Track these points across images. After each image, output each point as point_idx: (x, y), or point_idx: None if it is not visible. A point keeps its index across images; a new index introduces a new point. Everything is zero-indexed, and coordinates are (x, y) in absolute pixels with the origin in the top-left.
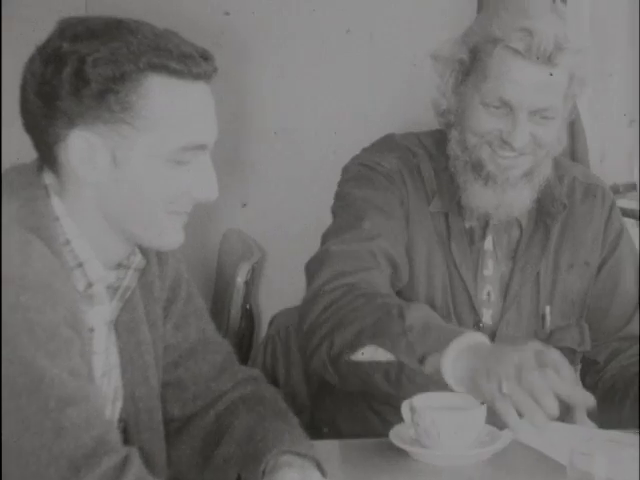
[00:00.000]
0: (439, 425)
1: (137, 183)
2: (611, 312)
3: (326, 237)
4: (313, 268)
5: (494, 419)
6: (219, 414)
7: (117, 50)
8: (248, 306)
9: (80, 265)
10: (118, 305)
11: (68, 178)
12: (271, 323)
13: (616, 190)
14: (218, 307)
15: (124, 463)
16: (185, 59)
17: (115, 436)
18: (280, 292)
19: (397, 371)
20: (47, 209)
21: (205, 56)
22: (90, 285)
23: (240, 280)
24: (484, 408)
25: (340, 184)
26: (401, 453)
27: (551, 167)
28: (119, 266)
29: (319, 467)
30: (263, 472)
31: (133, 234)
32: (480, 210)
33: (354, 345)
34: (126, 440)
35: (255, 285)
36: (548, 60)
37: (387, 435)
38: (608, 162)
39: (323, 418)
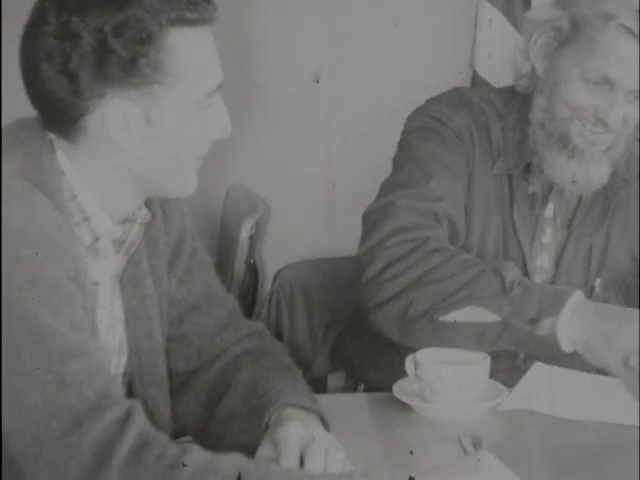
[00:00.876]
0: (443, 380)
1: (170, 138)
2: None
3: (389, 188)
4: (374, 219)
5: None
6: (223, 368)
7: (135, 13)
8: (252, 261)
9: (86, 219)
10: (123, 259)
11: (92, 145)
12: (275, 278)
13: None
14: (222, 262)
15: (127, 416)
16: (194, 7)
17: (118, 389)
18: (284, 247)
19: (499, 331)
20: (52, 163)
21: None
22: (96, 239)
23: (244, 235)
24: (487, 363)
25: (405, 133)
26: (404, 407)
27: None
28: (125, 220)
29: (322, 420)
30: (266, 425)
31: (157, 185)
32: (560, 181)
33: (447, 306)
34: (131, 394)
35: (259, 240)
36: None
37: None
38: None
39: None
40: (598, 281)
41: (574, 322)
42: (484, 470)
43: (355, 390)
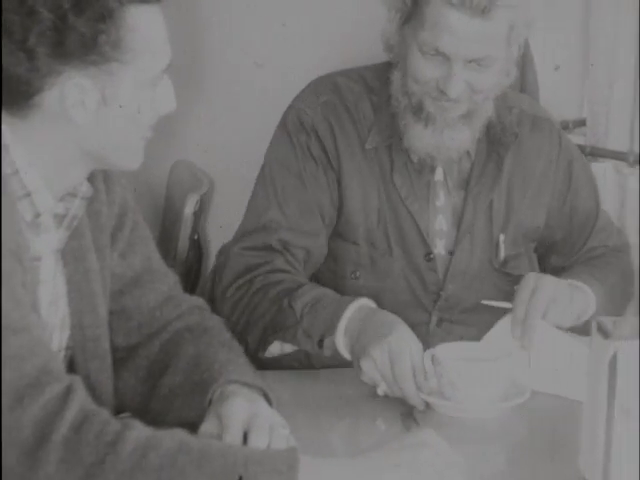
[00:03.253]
0: (465, 376)
1: (123, 115)
2: (575, 230)
3: (237, 232)
4: (219, 265)
5: None
6: (164, 343)
7: None
8: (196, 237)
9: (28, 195)
10: (65, 234)
11: (44, 121)
12: (219, 254)
13: (565, 126)
14: (166, 238)
15: (67, 392)
16: None
17: (58, 365)
18: (228, 223)
19: (305, 355)
20: None
21: None
22: (38, 215)
23: (188, 211)
24: (509, 359)
25: (274, 134)
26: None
27: (492, 106)
28: (66, 195)
29: (266, 396)
30: (209, 402)
31: (105, 160)
32: (420, 152)
33: (263, 344)
34: (73, 369)
35: (203, 216)
36: (482, 12)
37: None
38: (558, 97)
39: None
40: (502, 237)
41: (347, 333)
42: (427, 447)
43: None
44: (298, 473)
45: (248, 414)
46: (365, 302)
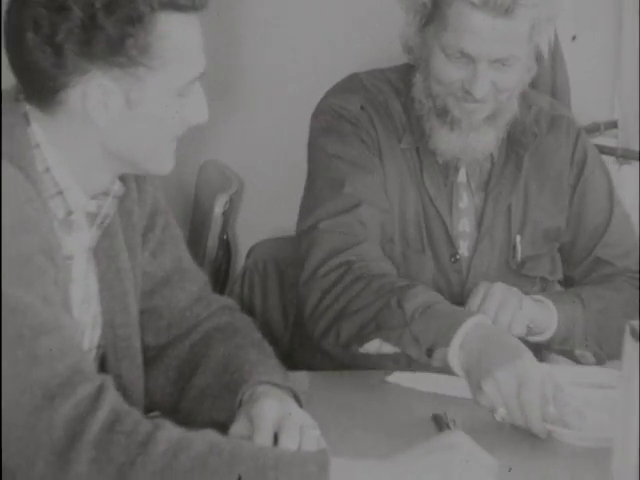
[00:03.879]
0: (593, 404)
1: (147, 121)
2: (580, 235)
3: (308, 209)
4: (304, 246)
5: None
6: (194, 344)
7: None
8: (225, 237)
9: (60, 193)
10: (97, 232)
11: (69, 119)
12: (249, 254)
13: (597, 128)
14: (195, 237)
15: (99, 391)
16: None
17: (90, 365)
18: (258, 223)
19: (407, 360)
20: (25, 137)
21: None
22: (70, 213)
23: (218, 210)
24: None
25: (310, 133)
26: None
27: (517, 105)
28: (99, 194)
29: (296, 398)
30: (240, 403)
31: (132, 163)
32: (447, 154)
33: (360, 338)
34: (104, 368)
35: (233, 216)
36: (505, 12)
37: None
38: (590, 98)
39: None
40: (518, 238)
41: (464, 348)
42: (459, 449)
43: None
44: (329, 475)
45: (279, 415)
46: (483, 319)
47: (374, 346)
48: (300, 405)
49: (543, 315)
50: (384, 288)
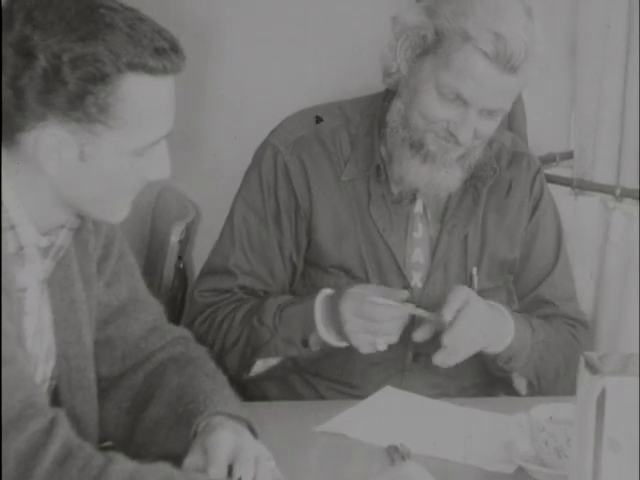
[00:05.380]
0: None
1: (101, 175)
2: (526, 271)
3: (203, 269)
4: (190, 295)
5: None
6: (148, 374)
7: (96, 50)
8: (182, 265)
9: (12, 227)
10: (52, 263)
11: (24, 161)
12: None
13: (552, 159)
14: (152, 266)
15: (51, 425)
16: (160, 56)
17: (42, 398)
18: None
19: (293, 364)
20: None
21: (175, 48)
22: (21, 248)
23: (174, 239)
24: None
25: (247, 169)
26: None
27: (482, 148)
28: (53, 228)
29: (251, 428)
30: (194, 434)
31: (84, 212)
32: (411, 185)
33: (243, 368)
34: (57, 400)
35: (189, 244)
36: (512, 69)
37: None
38: (545, 130)
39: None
40: (474, 270)
41: (329, 327)
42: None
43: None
44: None
45: (233, 446)
46: (328, 291)
47: (259, 367)
48: (255, 436)
49: (502, 326)
50: (246, 316)
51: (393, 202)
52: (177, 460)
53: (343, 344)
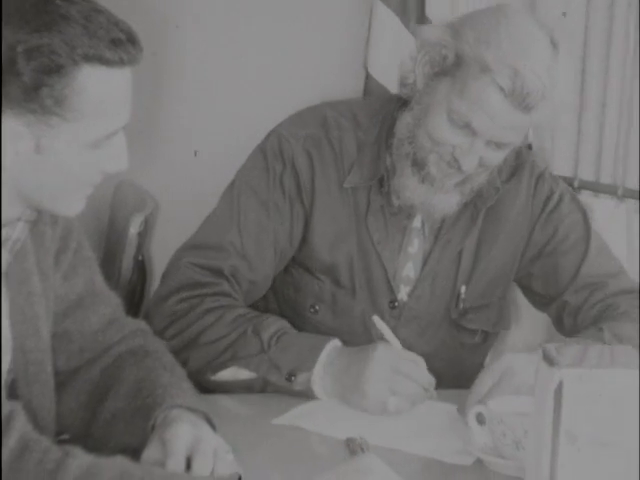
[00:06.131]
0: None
1: (58, 168)
2: (559, 266)
3: (203, 223)
4: (169, 266)
5: None
6: (105, 367)
7: (52, 42)
8: (140, 258)
9: None
10: (8, 257)
11: None
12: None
13: None
14: (110, 259)
15: (8, 419)
16: (116, 47)
17: None
18: (173, 244)
19: (263, 386)
20: None
21: (132, 40)
22: None
23: (133, 231)
24: None
25: (252, 153)
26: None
27: (486, 175)
28: (10, 220)
29: (209, 421)
30: (152, 427)
31: (40, 204)
32: (407, 201)
33: (213, 367)
34: (14, 393)
35: (148, 237)
36: (526, 108)
37: None
38: None
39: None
40: (463, 288)
41: (327, 375)
42: (370, 472)
43: None
44: None
45: (192, 439)
46: (338, 343)
47: (228, 374)
48: (213, 429)
49: None
50: (238, 320)
51: (392, 214)
52: (135, 454)
53: (329, 399)
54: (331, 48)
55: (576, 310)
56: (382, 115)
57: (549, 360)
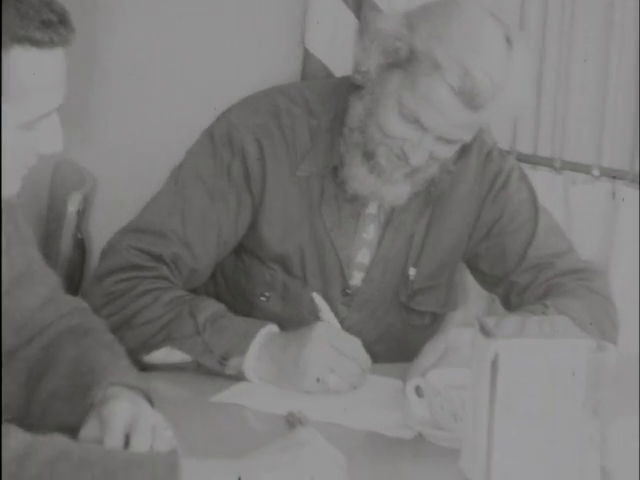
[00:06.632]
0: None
1: None
2: (509, 240)
3: (146, 206)
4: (109, 246)
5: None
6: (44, 346)
7: None
8: (80, 236)
9: None
10: None
11: None
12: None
13: None
14: (49, 237)
15: None
16: (46, 28)
17: None
18: (113, 222)
19: (196, 368)
20: None
21: (64, 21)
22: None
23: (72, 209)
24: None
25: (199, 138)
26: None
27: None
28: None
29: (148, 398)
30: (91, 405)
31: None
32: (356, 191)
33: (149, 347)
34: None
35: (87, 215)
36: (477, 107)
37: None
38: None
39: None
40: (412, 270)
41: (261, 358)
42: (307, 445)
43: None
44: (179, 475)
45: (130, 416)
46: (274, 328)
47: (161, 355)
48: (152, 406)
49: None
50: (175, 301)
51: (346, 202)
52: (74, 432)
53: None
54: (268, 25)
55: (523, 290)
56: (335, 100)
57: (485, 332)
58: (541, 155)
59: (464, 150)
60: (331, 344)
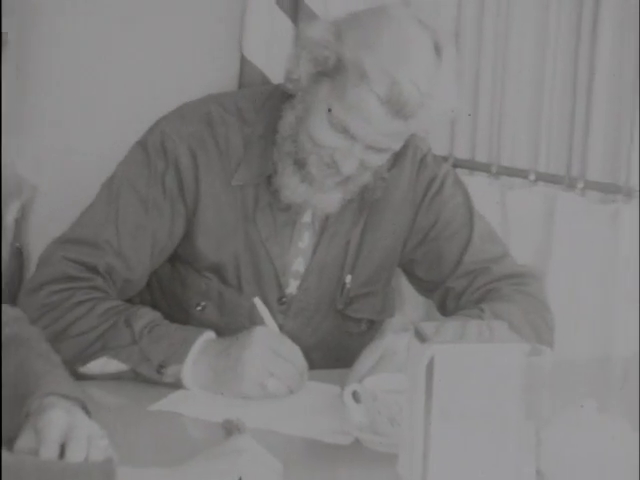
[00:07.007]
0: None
1: None
2: (444, 251)
3: (80, 217)
4: (43, 257)
5: None
6: None
7: None
8: (18, 245)
9: None
10: None
11: None
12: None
13: None
14: None
15: None
16: None
17: None
18: (51, 231)
19: (133, 377)
20: None
21: None
22: None
23: (10, 218)
24: None
25: (130, 149)
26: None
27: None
28: None
29: (84, 408)
30: (27, 415)
31: None
32: (288, 200)
33: (83, 358)
34: None
35: (25, 223)
36: (405, 116)
37: None
38: None
39: None
40: (349, 278)
41: (199, 365)
42: (243, 452)
43: None
44: None
45: (65, 426)
46: (212, 335)
47: (98, 365)
48: (89, 415)
49: None
50: (110, 311)
51: (280, 210)
52: (10, 443)
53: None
54: (205, 31)
55: (459, 295)
56: (268, 108)
57: (420, 336)
58: (478, 160)
59: (398, 157)
60: (270, 347)
